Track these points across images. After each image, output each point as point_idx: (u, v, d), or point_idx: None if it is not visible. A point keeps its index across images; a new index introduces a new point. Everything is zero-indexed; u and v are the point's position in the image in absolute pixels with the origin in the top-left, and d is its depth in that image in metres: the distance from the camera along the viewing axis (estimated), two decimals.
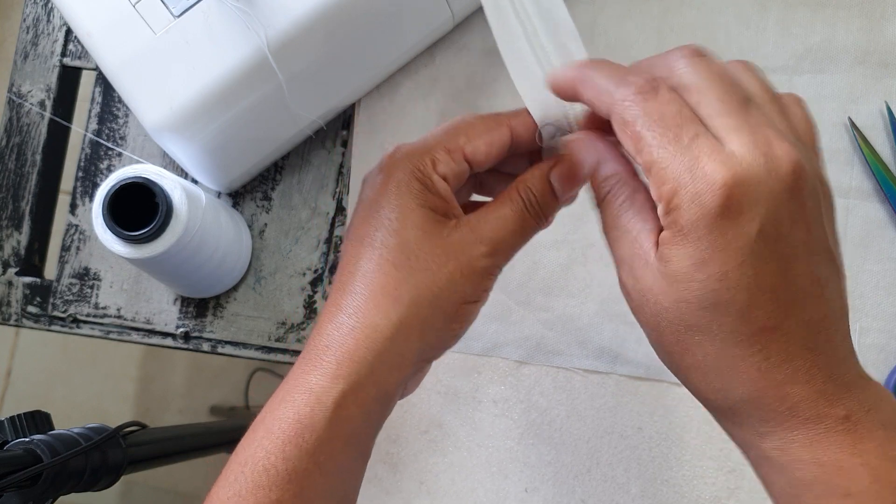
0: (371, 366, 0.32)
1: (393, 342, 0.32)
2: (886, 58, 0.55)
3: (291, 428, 0.31)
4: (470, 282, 0.33)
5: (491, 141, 0.34)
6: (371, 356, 0.32)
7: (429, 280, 0.32)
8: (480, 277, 0.33)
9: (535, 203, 0.34)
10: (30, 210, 0.60)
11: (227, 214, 0.55)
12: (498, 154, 0.34)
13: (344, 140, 0.59)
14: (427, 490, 0.54)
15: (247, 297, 0.58)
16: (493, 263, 0.33)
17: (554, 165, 0.34)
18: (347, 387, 0.31)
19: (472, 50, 0.58)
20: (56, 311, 0.59)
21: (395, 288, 0.32)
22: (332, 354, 0.32)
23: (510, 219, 0.34)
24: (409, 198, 0.33)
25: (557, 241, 0.56)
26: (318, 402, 0.31)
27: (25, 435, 0.47)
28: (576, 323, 0.55)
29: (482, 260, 0.33)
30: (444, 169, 0.33)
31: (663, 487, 0.53)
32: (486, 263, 0.33)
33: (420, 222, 0.32)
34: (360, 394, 0.32)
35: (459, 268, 0.32)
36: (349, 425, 0.32)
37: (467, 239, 0.33)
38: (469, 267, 0.32)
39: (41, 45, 0.62)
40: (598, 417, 0.54)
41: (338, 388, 0.31)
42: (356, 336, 0.32)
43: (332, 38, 0.50)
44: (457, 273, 0.32)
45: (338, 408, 0.31)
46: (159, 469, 0.60)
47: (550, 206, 0.35)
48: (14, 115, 0.61)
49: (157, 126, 0.48)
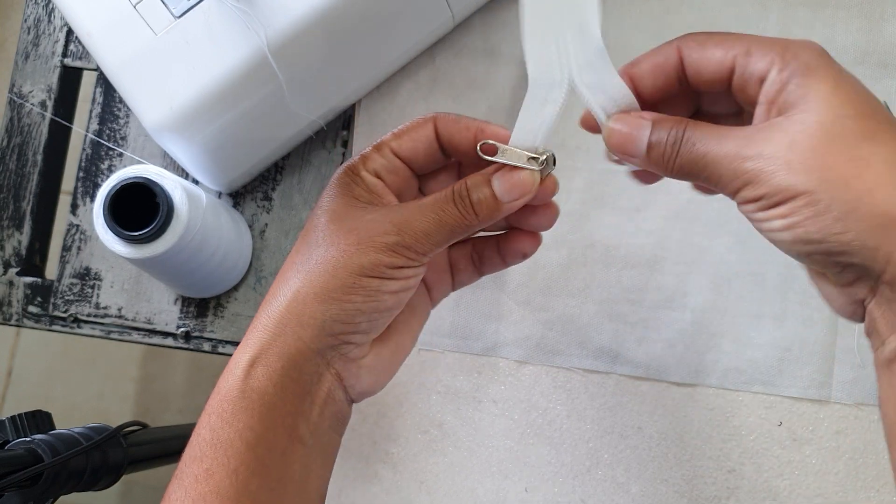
0: (272, 332, 0.34)
1: (289, 309, 0.34)
2: (886, 58, 0.55)
3: (214, 399, 0.34)
4: (365, 254, 0.34)
5: (415, 136, 0.36)
6: (272, 323, 0.34)
7: (327, 253, 0.34)
8: (378, 252, 0.34)
9: (465, 196, 0.35)
10: (31, 210, 0.61)
11: (228, 214, 0.55)
12: (425, 150, 0.37)
13: (344, 140, 0.59)
14: (427, 490, 0.54)
15: (247, 297, 0.58)
16: (397, 241, 0.34)
17: (503, 170, 0.35)
18: (252, 354, 0.34)
19: (472, 50, 0.58)
20: (57, 311, 0.59)
21: (298, 262, 0.35)
22: (247, 331, 0.35)
23: (428, 205, 0.35)
24: (337, 190, 0.36)
25: (557, 241, 0.56)
26: (229, 372, 0.34)
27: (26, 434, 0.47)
28: (576, 323, 0.55)
29: (384, 236, 0.34)
30: (372, 165, 0.36)
31: (663, 487, 0.53)
32: (388, 240, 0.34)
33: (337, 208, 0.35)
34: (263, 359, 0.34)
35: (357, 241, 0.34)
36: (258, 394, 0.33)
37: (377, 219, 0.35)
38: (368, 241, 0.34)
39: (42, 45, 0.62)
40: (598, 417, 0.54)
41: (245, 356, 0.34)
42: (262, 309, 0.35)
43: (332, 38, 0.50)
44: (353, 246, 0.34)
45: (246, 376, 0.34)
46: (159, 469, 0.60)
47: (484, 204, 0.35)
48: (15, 115, 0.61)
49: (158, 126, 0.49)
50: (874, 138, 0.29)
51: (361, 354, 0.36)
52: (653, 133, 0.33)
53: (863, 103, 0.30)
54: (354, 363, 0.36)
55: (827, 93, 0.30)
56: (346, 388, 0.36)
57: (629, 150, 0.33)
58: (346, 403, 0.37)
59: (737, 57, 0.32)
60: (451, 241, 0.35)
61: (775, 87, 0.31)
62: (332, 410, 0.36)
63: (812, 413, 0.53)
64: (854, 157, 0.29)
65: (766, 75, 0.31)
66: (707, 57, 0.32)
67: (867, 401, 0.53)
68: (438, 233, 0.34)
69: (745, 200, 0.31)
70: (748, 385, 0.53)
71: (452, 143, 0.36)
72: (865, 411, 0.52)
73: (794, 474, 0.53)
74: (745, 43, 0.32)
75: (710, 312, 0.54)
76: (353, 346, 0.35)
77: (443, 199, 0.35)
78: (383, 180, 0.36)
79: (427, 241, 0.34)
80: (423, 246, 0.34)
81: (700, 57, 0.33)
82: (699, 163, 0.32)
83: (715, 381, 0.53)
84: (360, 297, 0.34)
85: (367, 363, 0.36)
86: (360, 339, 0.35)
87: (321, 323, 0.34)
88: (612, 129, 0.34)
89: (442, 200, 0.35)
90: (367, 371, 0.36)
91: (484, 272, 0.41)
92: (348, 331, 0.34)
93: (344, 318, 0.34)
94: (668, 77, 0.34)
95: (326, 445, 0.36)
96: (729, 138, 0.31)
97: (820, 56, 0.31)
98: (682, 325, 0.54)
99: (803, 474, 0.52)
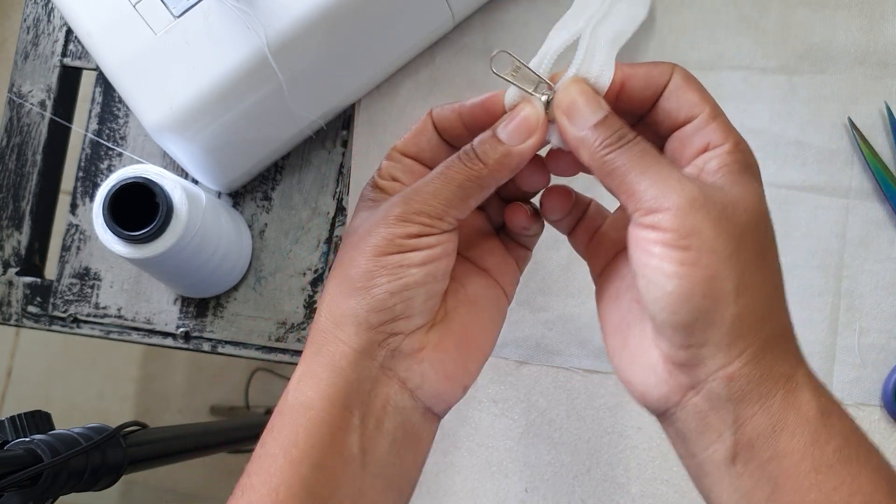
0: (316, 344, 0.33)
1: (325, 317, 0.34)
2: (886, 58, 0.55)
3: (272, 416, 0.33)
4: (377, 233, 0.33)
5: (417, 132, 0.36)
6: (314, 336, 0.34)
7: (345, 253, 0.34)
8: (389, 226, 0.33)
9: (469, 149, 0.33)
10: (30, 210, 0.61)
11: (228, 214, 0.55)
12: (428, 142, 0.36)
13: (344, 140, 0.59)
14: (427, 490, 0.54)
15: (247, 297, 0.58)
16: (404, 209, 0.33)
17: (506, 115, 0.34)
18: (301, 369, 0.34)
19: (472, 50, 0.58)
20: (56, 311, 0.59)
21: (330, 278, 0.35)
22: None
23: (436, 170, 0.34)
24: (359, 205, 0.36)
25: (557, 241, 0.55)
26: (285, 390, 0.34)
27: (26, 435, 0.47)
28: (576, 323, 0.55)
29: (392, 209, 0.33)
30: (387, 171, 0.36)
31: (663, 487, 0.53)
32: (395, 211, 0.33)
33: (358, 220, 0.35)
34: (309, 371, 0.33)
35: (375, 222, 0.33)
36: (304, 408, 0.32)
37: (387, 202, 0.34)
38: (378, 221, 0.33)
39: (41, 45, 0.62)
40: (598, 417, 0.54)
41: (296, 373, 0.34)
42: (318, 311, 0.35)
43: (332, 38, 0.50)
44: (370, 228, 0.33)
45: (293, 390, 0.33)
46: (159, 469, 0.60)
47: (490, 152, 0.33)
48: (14, 115, 0.61)
49: (157, 126, 0.49)
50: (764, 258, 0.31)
51: (416, 346, 0.34)
52: (603, 121, 0.32)
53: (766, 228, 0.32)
54: (412, 358, 0.33)
55: (755, 201, 0.31)
56: (412, 392, 0.34)
57: (573, 119, 0.32)
58: (418, 413, 0.34)
59: (701, 116, 0.32)
60: (468, 199, 0.33)
61: (713, 163, 0.31)
62: (394, 423, 0.33)
63: None
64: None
65: (708, 148, 0.32)
66: (681, 99, 0.33)
67: (867, 401, 0.53)
68: (446, 189, 0.33)
69: (650, 225, 0.30)
70: None
71: (447, 129, 0.36)
72: (866, 412, 0.52)
73: None
74: (714, 111, 0.33)
75: None
76: (400, 336, 0.33)
77: (449, 160, 0.34)
78: (400, 181, 0.36)
79: (436, 200, 0.33)
80: (434, 207, 0.33)
81: (677, 97, 0.33)
82: (618, 175, 0.31)
83: None
84: (384, 279, 0.32)
85: (427, 356, 0.34)
86: (405, 327, 0.33)
87: (355, 318, 0.32)
88: (571, 93, 0.33)
89: (448, 161, 0.34)
90: (432, 366, 0.34)
91: (522, 246, 0.40)
92: (386, 319, 0.32)
93: (376, 305, 0.32)
94: (653, 92, 0.34)
95: (389, 467, 0.33)
96: (658, 173, 0.31)
97: (757, 177, 0.32)
98: None
99: None
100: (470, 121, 0.35)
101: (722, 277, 0.29)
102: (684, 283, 0.29)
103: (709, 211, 0.29)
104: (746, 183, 0.31)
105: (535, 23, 0.58)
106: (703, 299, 0.29)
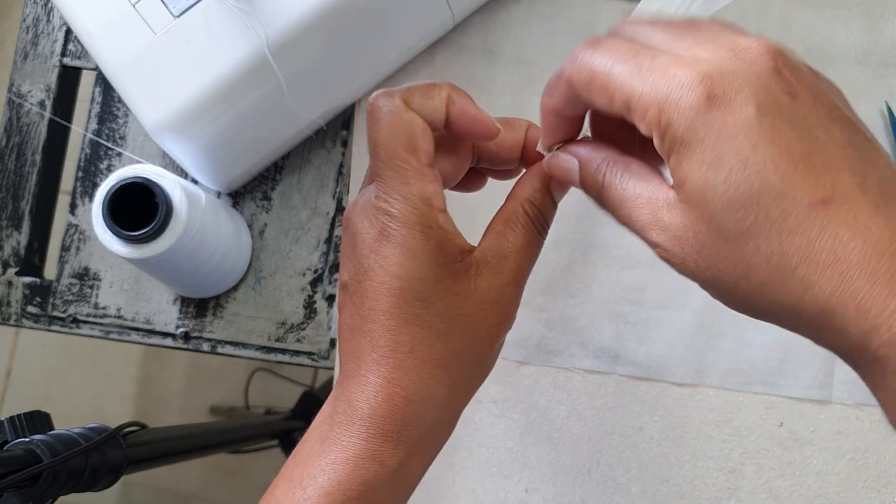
0: (429, 429, 0.34)
1: (443, 409, 0.34)
2: (886, 58, 0.55)
3: (354, 489, 0.32)
4: (505, 323, 0.34)
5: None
6: (430, 422, 0.33)
7: (470, 338, 0.33)
8: (512, 311, 0.34)
9: (541, 219, 0.35)
10: (30, 210, 0.60)
11: (227, 214, 0.55)
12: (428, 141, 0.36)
13: (344, 140, 0.59)
14: (427, 490, 0.54)
15: (247, 297, 0.58)
16: (517, 291, 0.34)
17: (550, 175, 0.35)
18: (405, 453, 0.33)
19: (472, 50, 0.58)
20: (56, 311, 0.59)
21: (444, 356, 0.33)
22: (381, 421, 0.32)
23: (524, 245, 0.34)
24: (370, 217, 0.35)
25: (557, 241, 0.56)
26: (382, 466, 0.32)
27: (25, 435, 0.47)
28: (576, 323, 0.55)
29: (514, 300, 0.34)
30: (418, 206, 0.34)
31: (663, 487, 0.53)
32: (516, 300, 0.34)
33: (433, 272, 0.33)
34: (415, 457, 0.33)
35: (497, 318, 0.34)
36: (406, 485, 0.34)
37: (495, 283, 0.33)
38: (505, 314, 0.34)
39: (41, 44, 0.62)
40: (598, 417, 0.54)
41: (399, 453, 0.32)
42: (409, 407, 0.33)
43: (332, 38, 0.50)
44: (493, 322, 0.34)
45: (399, 470, 0.33)
46: (159, 469, 0.60)
47: (552, 216, 0.35)
48: (14, 114, 0.61)
49: (157, 126, 0.48)
50: (755, 233, 0.25)
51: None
52: (581, 171, 0.32)
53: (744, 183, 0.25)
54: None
55: (703, 180, 0.26)
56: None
57: (566, 180, 0.33)
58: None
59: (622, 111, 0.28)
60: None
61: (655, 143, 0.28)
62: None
63: (813, 413, 0.53)
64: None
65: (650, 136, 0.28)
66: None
67: (868, 401, 0.52)
68: (535, 260, 0.36)
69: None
70: (749, 385, 0.53)
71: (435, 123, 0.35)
72: (867, 412, 0.52)
73: (794, 475, 0.52)
74: (624, 95, 0.27)
75: (711, 312, 0.54)
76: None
77: (529, 232, 0.35)
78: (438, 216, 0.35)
79: (530, 272, 0.36)
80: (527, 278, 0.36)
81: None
82: (615, 206, 0.31)
83: (715, 382, 0.53)
84: (495, 358, 0.36)
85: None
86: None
87: (465, 403, 0.36)
88: (549, 162, 0.34)
89: (530, 235, 0.35)
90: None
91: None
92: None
93: (478, 383, 0.37)
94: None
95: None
96: (642, 191, 0.29)
97: (695, 117, 0.26)
98: (683, 325, 0.54)
99: (804, 475, 0.52)
100: (463, 128, 0.35)
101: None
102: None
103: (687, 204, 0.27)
104: (686, 181, 0.26)
105: (535, 23, 0.58)
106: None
